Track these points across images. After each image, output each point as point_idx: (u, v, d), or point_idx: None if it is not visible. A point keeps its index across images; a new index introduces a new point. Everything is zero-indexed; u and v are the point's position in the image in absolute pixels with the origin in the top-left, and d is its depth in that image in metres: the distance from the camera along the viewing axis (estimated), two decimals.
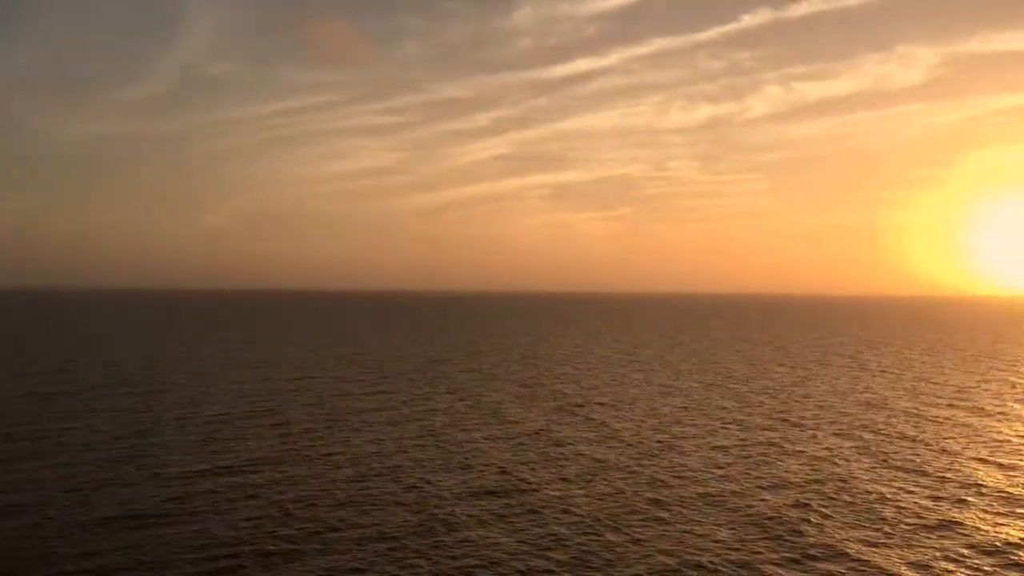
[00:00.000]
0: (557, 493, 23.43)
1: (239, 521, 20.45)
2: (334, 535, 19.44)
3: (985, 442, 31.71)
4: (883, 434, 33.29)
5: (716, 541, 19.13)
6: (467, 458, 28.06)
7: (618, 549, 18.51)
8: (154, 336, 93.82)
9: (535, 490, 23.77)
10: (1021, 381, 53.63)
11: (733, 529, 20.06)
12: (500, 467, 26.71)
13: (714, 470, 26.50)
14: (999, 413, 39.30)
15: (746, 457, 28.62)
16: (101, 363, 60.22)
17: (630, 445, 30.63)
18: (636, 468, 26.70)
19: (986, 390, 48.48)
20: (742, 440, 31.82)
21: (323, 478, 25.04)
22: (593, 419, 36.63)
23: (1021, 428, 35.02)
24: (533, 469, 26.49)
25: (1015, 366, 64.59)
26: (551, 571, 17.19)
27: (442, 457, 28.19)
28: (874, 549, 18.60)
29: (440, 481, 24.70)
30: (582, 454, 28.95)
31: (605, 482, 24.80)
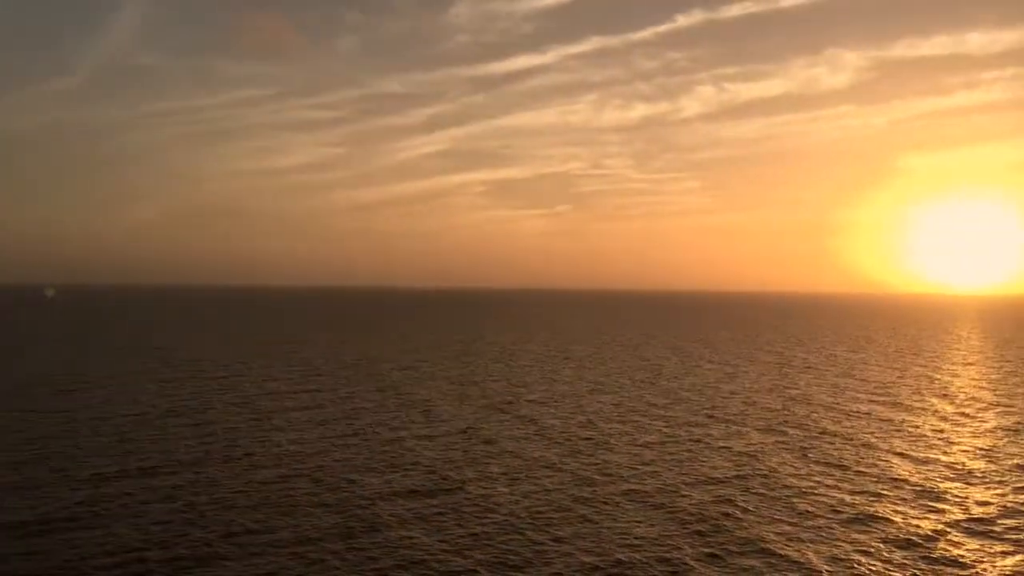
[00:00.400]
0: (482, 492, 23.20)
1: (151, 525, 19.75)
2: (249, 538, 18.89)
3: (902, 437, 32.49)
4: (805, 429, 33.88)
5: (639, 538, 19.13)
6: (393, 457, 27.66)
7: (539, 548, 18.37)
8: (74, 334, 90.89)
9: (459, 489, 23.51)
10: (939, 376, 55.25)
11: (655, 525, 20.10)
12: (426, 466, 26.38)
13: (640, 467, 26.58)
14: (918, 408, 40.37)
15: (672, 454, 28.80)
16: (14, 362, 57.99)
17: (558, 443, 30.58)
18: (562, 466, 26.63)
19: (906, 385, 49.81)
20: (669, 436, 32.04)
21: (242, 479, 24.38)
22: (522, 416, 36.52)
23: (937, 423, 36.00)
24: (459, 468, 26.23)
25: (935, 361, 66.56)
26: (472, 571, 16.95)
27: (367, 456, 27.73)
28: (793, 543, 18.81)
29: (363, 481, 24.27)
30: (509, 452, 28.79)
31: (531, 480, 24.66)
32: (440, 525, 20.00)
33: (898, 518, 20.93)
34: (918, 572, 17.10)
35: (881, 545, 18.80)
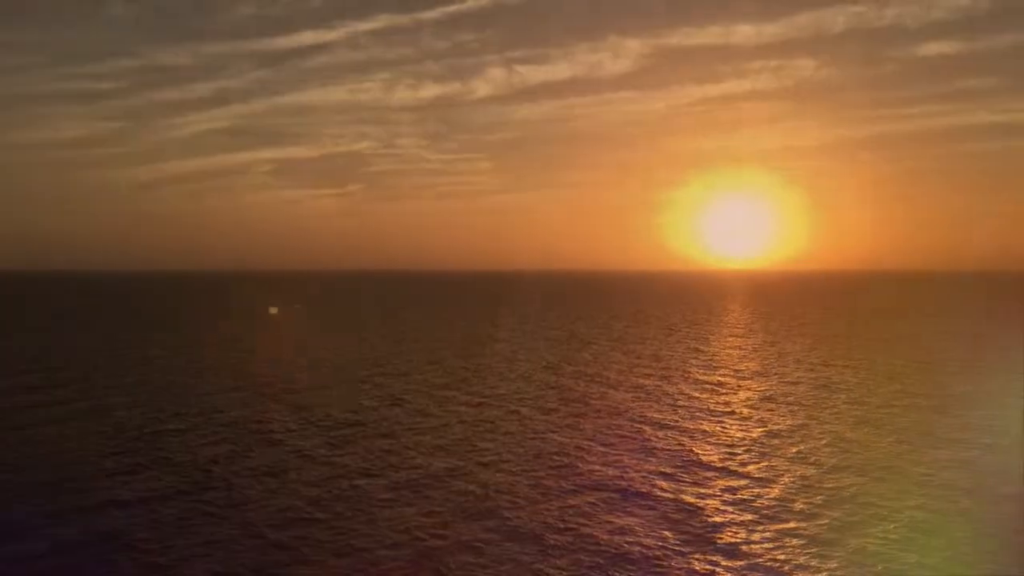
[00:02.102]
0: (254, 490, 21.29)
1: None
2: None
3: (665, 407, 33.58)
4: (578, 405, 34.27)
5: (413, 525, 18.08)
6: (145, 454, 25.02)
7: (287, 551, 16.88)
8: None
9: (214, 488, 21.47)
10: (704, 348, 58.38)
11: (426, 515, 19.13)
12: (179, 463, 24.01)
13: (417, 453, 25.59)
14: (684, 379, 42.13)
15: (460, 437, 28.05)
16: None
17: (330, 430, 29.01)
18: (336, 458, 25.14)
19: (674, 357, 52.12)
20: (443, 420, 31.30)
21: None
22: (299, 405, 34.56)
23: (699, 393, 37.61)
24: (219, 463, 24.08)
25: (704, 334, 70.51)
26: (219, 574, 15.22)
27: (117, 453, 24.91)
28: (569, 521, 18.44)
29: (113, 483, 21.64)
30: (280, 444, 26.90)
31: (291, 474, 23.01)
32: (182, 528, 17.98)
33: (669, 492, 21.19)
34: (682, 543, 17.18)
35: (662, 520, 18.84)
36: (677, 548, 16.90)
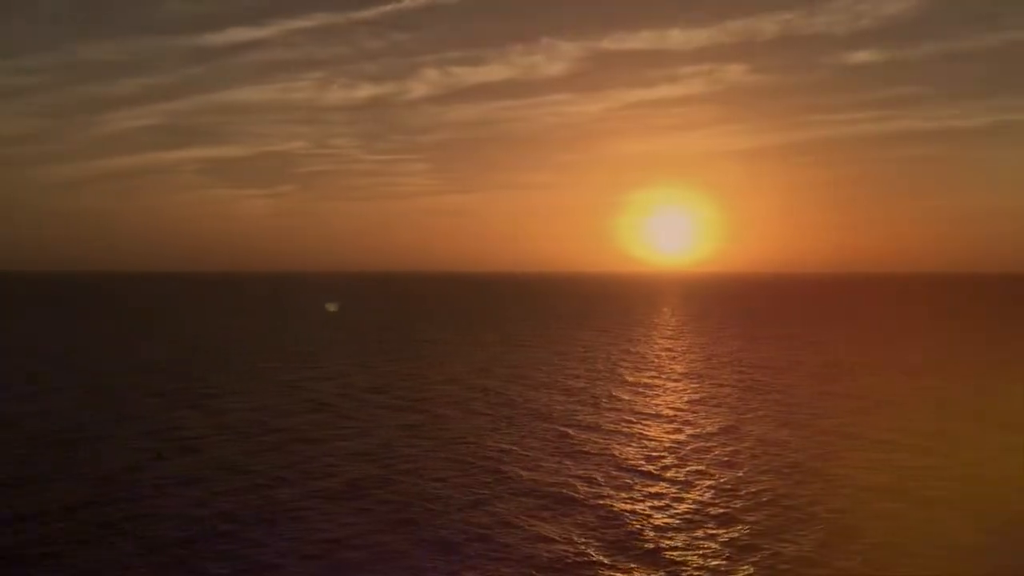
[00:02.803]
0: (159, 502, 20.30)
1: None
2: None
3: (591, 410, 33.38)
4: (511, 408, 33.87)
5: (325, 538, 17.38)
6: (54, 466, 23.77)
7: (197, 566, 16.05)
8: None
9: (119, 501, 20.43)
10: (634, 350, 58.59)
11: (346, 524, 18.45)
12: (84, 477, 22.86)
13: (337, 460, 24.84)
14: (612, 381, 42.06)
15: (381, 443, 27.35)
16: None
17: (247, 438, 28.04)
18: (253, 467, 24.24)
19: (602, 360, 52.13)
20: (370, 425, 30.58)
21: None
22: (211, 410, 33.41)
23: (626, 395, 37.54)
24: (129, 473, 22.99)
25: (634, 336, 70.86)
26: None
27: (7, 464, 23.62)
28: (490, 529, 17.97)
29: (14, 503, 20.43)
30: (190, 450, 25.85)
31: (203, 485, 22.07)
32: (78, 545, 16.99)
33: (604, 497, 20.88)
34: (601, 550, 16.85)
35: (595, 521, 18.49)
36: (595, 556, 16.56)
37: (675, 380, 42.73)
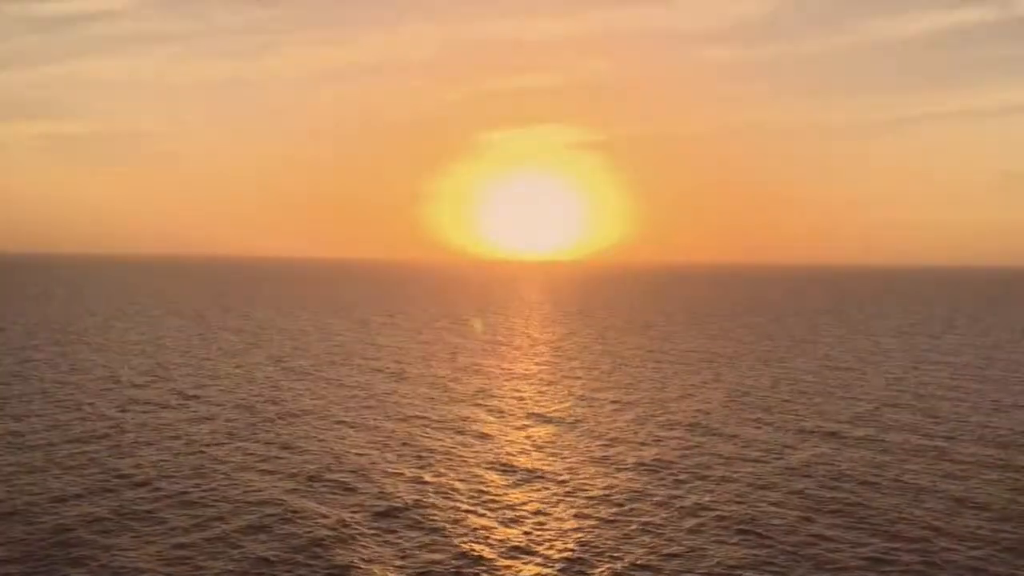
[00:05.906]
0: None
1: None
2: None
3: (389, 403, 30.73)
4: (278, 404, 30.64)
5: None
6: None
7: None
8: None
9: None
10: (458, 340, 56.29)
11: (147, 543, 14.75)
12: None
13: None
14: (427, 375, 39.51)
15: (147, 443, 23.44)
16: None
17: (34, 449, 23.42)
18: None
19: (422, 352, 49.54)
20: (115, 422, 26.54)
21: None
22: None
23: (436, 392, 35.06)
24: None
25: (458, 328, 68.58)
26: None
27: None
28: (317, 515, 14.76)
29: None
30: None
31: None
32: None
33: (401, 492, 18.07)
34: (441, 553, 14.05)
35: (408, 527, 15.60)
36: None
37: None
